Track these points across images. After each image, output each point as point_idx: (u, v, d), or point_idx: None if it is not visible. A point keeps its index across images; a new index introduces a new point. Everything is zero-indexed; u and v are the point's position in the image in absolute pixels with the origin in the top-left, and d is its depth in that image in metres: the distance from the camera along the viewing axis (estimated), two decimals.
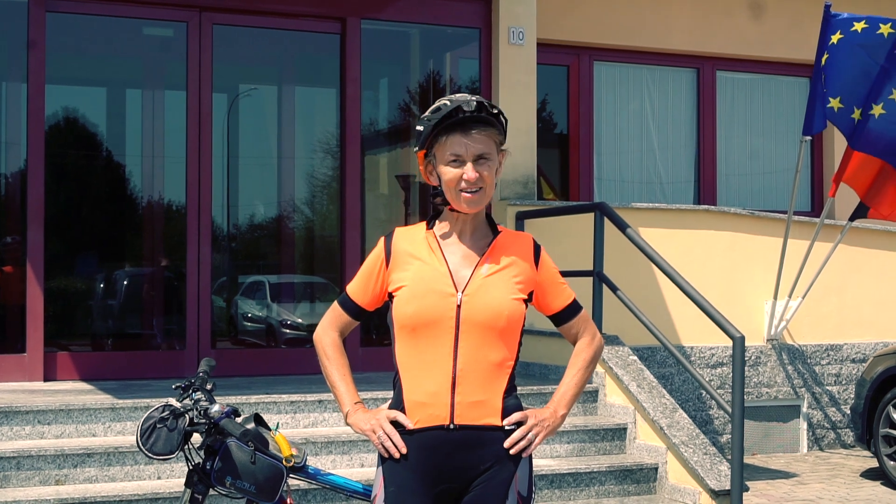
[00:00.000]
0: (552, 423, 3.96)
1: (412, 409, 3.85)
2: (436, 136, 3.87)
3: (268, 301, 11.20)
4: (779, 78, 13.56)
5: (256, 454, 3.98)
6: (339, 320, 4.10)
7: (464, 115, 3.81)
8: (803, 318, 11.45)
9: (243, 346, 11.06)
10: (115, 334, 10.69)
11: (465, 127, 3.82)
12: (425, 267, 3.90)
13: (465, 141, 3.83)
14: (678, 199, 12.85)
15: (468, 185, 3.83)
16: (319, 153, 11.18)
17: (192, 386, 4.17)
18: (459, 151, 3.83)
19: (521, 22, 10.73)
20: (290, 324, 11.25)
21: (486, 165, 3.86)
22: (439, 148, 3.88)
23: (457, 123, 3.82)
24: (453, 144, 3.84)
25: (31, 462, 7.26)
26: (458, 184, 3.84)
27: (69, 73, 10.44)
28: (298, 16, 10.40)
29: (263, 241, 11.47)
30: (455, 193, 3.86)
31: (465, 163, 3.83)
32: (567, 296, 4.08)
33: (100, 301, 10.59)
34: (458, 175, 3.84)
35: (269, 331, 11.27)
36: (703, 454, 8.25)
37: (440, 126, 3.84)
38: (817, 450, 11.62)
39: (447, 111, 3.82)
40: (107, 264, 10.74)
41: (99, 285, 10.59)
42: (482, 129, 3.84)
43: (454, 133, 3.83)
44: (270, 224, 11.33)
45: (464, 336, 3.83)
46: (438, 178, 3.91)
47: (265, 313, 11.18)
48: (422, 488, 3.83)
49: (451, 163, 3.85)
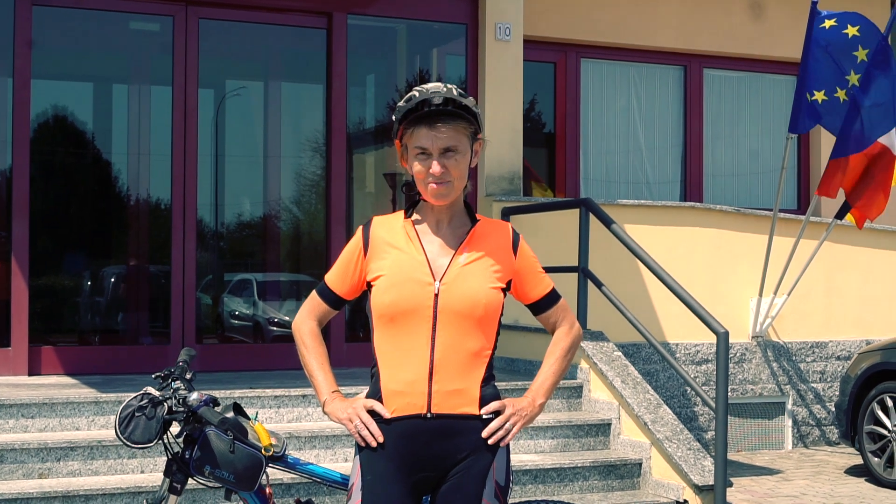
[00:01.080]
0: (530, 412, 3.97)
1: (389, 397, 3.85)
2: (405, 128, 3.89)
3: (255, 299, 11.19)
4: (766, 76, 13.58)
5: (235, 443, 3.98)
6: (318, 309, 4.11)
7: (429, 108, 3.81)
8: (788, 316, 11.47)
9: (230, 342, 11.04)
10: (101, 330, 10.67)
11: (432, 120, 3.83)
12: (403, 256, 3.91)
13: (431, 134, 3.83)
14: (665, 197, 12.86)
15: (434, 179, 3.84)
16: (307, 151, 11.16)
17: (172, 375, 4.17)
18: (425, 145, 3.84)
19: (507, 18, 10.73)
20: (277, 321, 11.24)
21: (454, 158, 3.86)
22: (408, 140, 3.90)
23: (424, 116, 3.83)
24: (419, 138, 3.85)
25: (15, 455, 7.24)
26: (425, 177, 3.86)
27: (55, 68, 10.41)
28: (285, 10, 10.39)
29: (251, 240, 11.45)
30: (423, 185, 3.88)
31: (431, 156, 3.84)
32: (546, 285, 4.08)
33: (86, 297, 10.57)
34: (425, 168, 3.85)
35: (256, 328, 11.26)
36: (686, 449, 8.26)
37: (408, 118, 3.85)
38: (802, 447, 11.64)
39: (414, 104, 3.83)
40: (93, 261, 10.72)
41: (85, 282, 10.58)
42: (449, 122, 3.84)
43: (420, 126, 3.84)
44: (258, 222, 11.32)
45: (441, 325, 3.84)
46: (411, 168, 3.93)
47: (252, 311, 11.18)
48: (399, 477, 3.83)
49: (417, 156, 3.86)
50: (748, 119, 13.57)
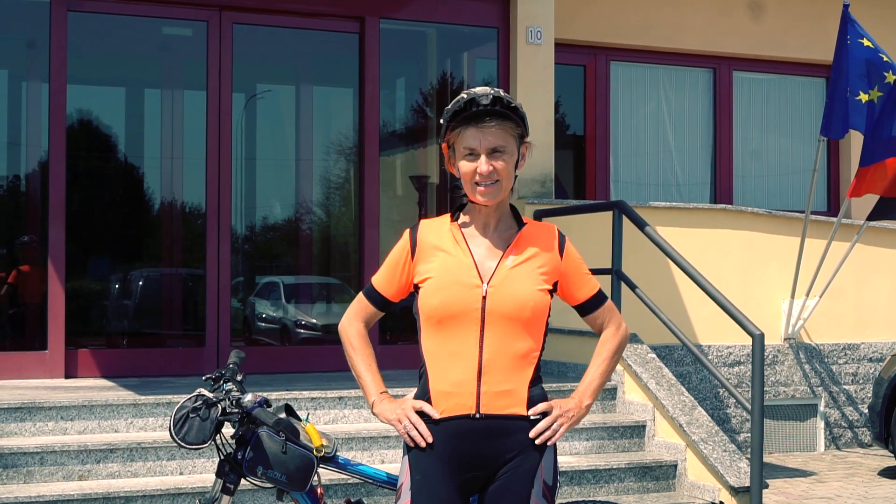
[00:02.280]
0: (577, 413, 4.00)
1: (438, 398, 3.89)
2: (452, 130, 3.92)
3: (282, 301, 11.25)
4: (795, 78, 13.57)
5: (287, 444, 4.02)
6: (365, 311, 4.14)
7: (478, 108, 3.85)
8: (820, 318, 11.45)
9: (258, 345, 11.08)
10: (135, 333, 10.75)
11: (480, 120, 3.86)
12: (450, 258, 3.94)
13: (479, 134, 3.87)
14: (694, 199, 12.86)
15: (482, 179, 3.87)
16: (334, 154, 11.21)
17: (223, 377, 4.21)
18: (473, 145, 3.87)
19: (538, 21, 10.76)
20: (304, 324, 11.29)
21: (502, 158, 3.90)
22: (455, 141, 3.93)
23: (471, 117, 3.86)
24: (467, 138, 3.88)
25: (55, 458, 7.30)
26: (472, 177, 3.89)
27: (88, 73, 10.48)
28: (317, 15, 10.44)
29: (278, 242, 11.50)
30: (471, 186, 3.91)
31: (479, 156, 3.88)
32: (592, 286, 4.11)
33: (119, 300, 10.65)
34: (472, 168, 3.88)
35: (283, 331, 11.31)
36: (722, 451, 8.27)
37: (455, 119, 3.89)
38: (834, 448, 11.63)
39: (461, 105, 3.87)
40: (125, 264, 10.80)
41: (118, 285, 10.65)
42: (498, 123, 3.88)
43: (469, 126, 3.87)
44: (286, 225, 11.37)
45: (489, 327, 3.87)
46: (458, 170, 3.96)
47: (279, 314, 11.23)
48: (448, 476, 3.86)
49: (466, 156, 3.90)
50: (777, 121, 13.56)
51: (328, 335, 11.21)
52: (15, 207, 10.39)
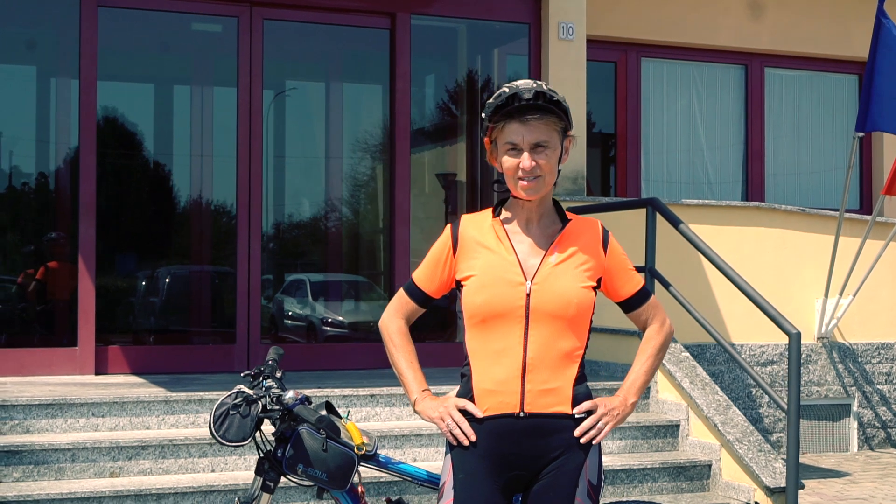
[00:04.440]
0: (622, 411, 3.95)
1: (482, 396, 3.83)
2: (495, 124, 3.85)
3: (309, 299, 11.21)
4: (827, 74, 13.45)
5: (328, 441, 3.96)
6: (406, 308, 4.08)
7: (520, 103, 3.78)
8: (854, 317, 11.34)
9: (284, 342, 11.03)
10: (164, 330, 10.73)
11: (523, 115, 3.80)
12: (493, 256, 3.88)
13: (521, 129, 3.80)
14: (726, 197, 12.76)
15: (524, 174, 3.81)
16: (360, 151, 11.17)
17: (262, 373, 4.16)
18: (515, 140, 3.81)
19: (570, 17, 10.68)
20: (331, 321, 11.25)
21: (544, 154, 3.83)
22: (498, 136, 3.87)
23: (514, 111, 3.80)
24: (510, 133, 3.82)
25: (86, 454, 7.28)
26: (515, 172, 3.82)
27: (116, 70, 10.44)
28: (348, 10, 10.38)
29: (306, 240, 11.47)
30: (513, 181, 3.84)
31: (521, 151, 3.81)
32: (636, 282, 4.04)
33: (148, 297, 10.63)
34: (515, 164, 3.82)
35: (309, 328, 11.28)
36: (757, 451, 8.18)
37: (498, 114, 3.82)
38: (867, 449, 11.51)
39: (503, 99, 3.80)
40: (153, 261, 10.78)
41: (146, 282, 10.63)
42: (540, 117, 3.81)
43: (511, 121, 3.81)
44: (314, 222, 11.33)
45: (534, 325, 3.81)
46: (501, 165, 3.89)
47: (306, 311, 11.19)
48: (491, 475, 3.81)
49: (508, 151, 3.83)
50: (809, 118, 13.44)
51: (355, 333, 11.17)
52: (43, 204, 10.38)
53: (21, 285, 10.06)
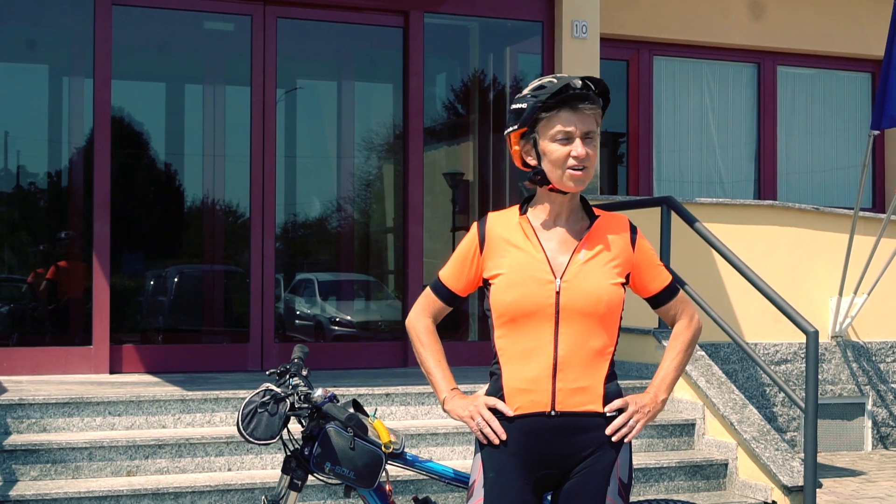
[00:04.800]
0: (653, 408, 3.92)
1: (512, 395, 3.81)
2: (541, 114, 3.80)
3: (317, 298, 11.19)
4: (840, 73, 13.40)
5: (356, 440, 3.94)
6: (433, 306, 4.06)
7: (573, 91, 3.76)
8: (868, 315, 11.31)
9: (292, 341, 10.98)
10: (178, 329, 10.71)
11: (573, 103, 3.77)
12: (521, 254, 3.85)
13: (574, 117, 3.77)
14: (738, 195, 12.73)
15: (577, 163, 3.77)
16: (369, 150, 11.14)
17: (289, 371, 4.14)
18: (570, 128, 3.77)
19: (584, 15, 10.64)
20: (339, 321, 11.23)
21: (592, 144, 3.82)
22: (545, 125, 3.81)
23: (565, 100, 3.77)
24: (562, 120, 3.78)
25: (103, 453, 7.26)
26: (565, 161, 3.78)
27: (128, 69, 10.41)
28: (361, 9, 10.35)
29: (317, 239, 11.44)
30: (561, 172, 3.80)
31: (573, 140, 3.78)
32: (664, 277, 4.02)
33: (160, 297, 10.62)
34: (566, 152, 3.78)
35: (317, 327, 11.25)
36: (774, 450, 8.16)
37: (548, 102, 3.78)
38: (882, 448, 11.48)
39: (556, 88, 3.77)
40: (165, 260, 10.76)
41: (157, 281, 10.62)
42: (588, 107, 3.79)
43: (563, 110, 3.78)
44: (325, 222, 11.31)
45: (564, 323, 3.78)
46: (538, 157, 3.84)
47: (315, 311, 11.17)
48: (522, 473, 3.79)
49: (558, 140, 3.79)
50: (822, 117, 13.40)
51: (364, 332, 11.15)
52: (55, 204, 10.37)
53: (31, 285, 10.06)
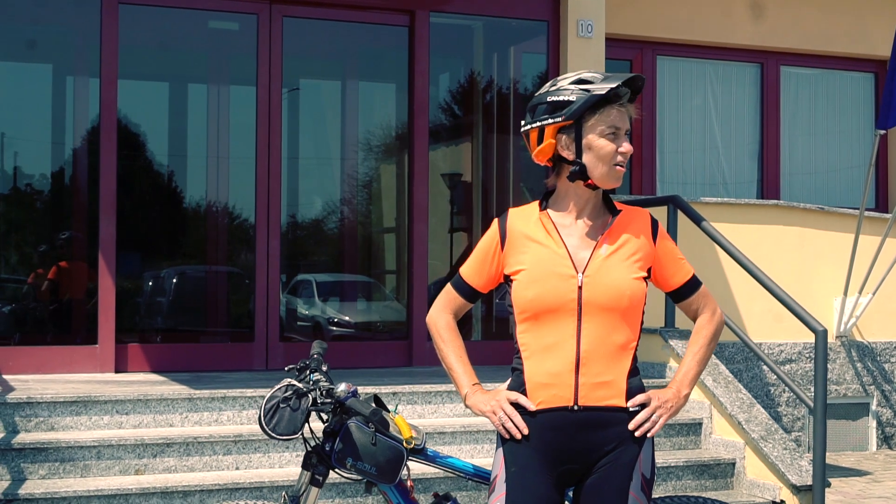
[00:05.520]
0: (675, 403, 3.91)
1: (534, 390, 3.80)
2: (591, 108, 3.80)
3: (315, 299, 11.18)
4: (843, 73, 13.40)
5: (377, 435, 3.93)
6: (454, 303, 4.05)
7: (624, 88, 3.80)
8: (873, 315, 11.30)
9: (291, 342, 10.92)
10: (183, 329, 10.69)
11: (620, 101, 3.82)
12: (543, 250, 3.84)
13: (620, 114, 3.83)
14: (741, 195, 12.72)
15: (623, 158, 3.83)
16: (371, 150, 11.12)
17: (309, 367, 4.12)
18: (619, 124, 3.82)
19: (589, 14, 10.63)
20: (337, 321, 11.22)
21: (630, 141, 3.88)
22: (596, 120, 3.81)
23: (614, 96, 3.81)
24: (612, 117, 3.81)
25: (112, 451, 7.24)
26: (613, 157, 3.82)
27: (132, 68, 10.36)
28: (367, 8, 10.32)
29: (321, 239, 11.42)
30: (607, 168, 3.82)
31: (620, 136, 3.82)
32: (686, 271, 4.01)
33: (165, 296, 10.60)
34: (614, 148, 3.82)
35: (315, 328, 11.24)
36: (782, 449, 8.15)
37: (599, 98, 3.78)
38: (886, 448, 11.48)
39: (617, 82, 3.78)
40: (169, 260, 10.75)
41: (161, 281, 10.60)
42: (629, 106, 3.87)
43: (612, 106, 3.81)
44: (326, 221, 11.29)
45: (587, 318, 3.77)
46: (578, 151, 3.82)
47: (313, 311, 11.15)
48: (544, 468, 3.78)
49: (607, 135, 3.81)
50: (825, 117, 13.40)
51: (364, 333, 11.14)
52: (57, 204, 10.35)
53: (32, 285, 10.04)
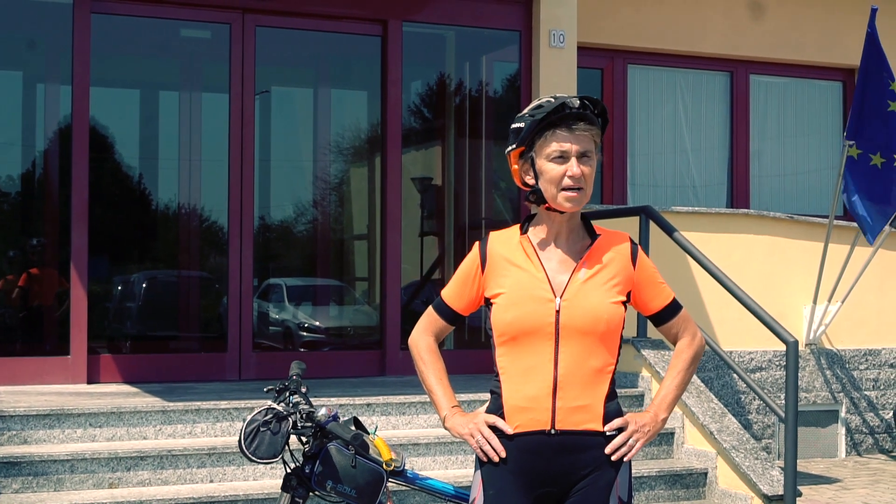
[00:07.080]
0: (653, 427, 3.93)
1: (512, 413, 3.82)
2: (538, 133, 3.83)
3: (285, 303, 11.17)
4: (812, 81, 13.51)
5: (357, 458, 3.95)
6: (435, 325, 4.07)
7: (569, 111, 3.78)
8: (842, 323, 11.39)
9: (261, 349, 10.86)
10: (155, 337, 10.66)
11: (569, 123, 3.80)
12: (523, 273, 3.87)
13: (570, 137, 3.80)
14: (711, 202, 12.81)
15: (572, 182, 3.79)
16: (341, 156, 11.13)
17: (288, 389, 4.13)
18: (565, 147, 3.80)
19: (561, 24, 10.66)
20: (308, 326, 11.21)
21: (588, 164, 3.84)
22: (542, 144, 3.83)
23: (561, 119, 3.79)
24: (558, 140, 3.80)
25: (85, 465, 7.23)
26: (560, 181, 3.80)
27: (104, 75, 10.33)
28: (340, 17, 10.33)
29: (293, 244, 11.43)
30: (556, 191, 3.82)
31: (568, 159, 3.80)
32: (666, 295, 4.04)
33: (137, 300, 10.57)
34: (561, 172, 3.80)
35: (286, 334, 11.23)
36: (754, 459, 8.21)
37: (545, 122, 3.80)
38: (855, 455, 11.57)
39: (552, 107, 3.79)
40: (140, 268, 10.72)
41: (130, 289, 10.56)
42: (585, 127, 3.82)
43: (560, 129, 3.80)
44: (297, 227, 11.30)
45: (564, 342, 3.80)
46: (536, 176, 3.87)
47: (283, 316, 11.14)
48: (522, 491, 3.81)
49: (554, 159, 3.81)
50: (794, 124, 13.50)
51: (336, 339, 11.15)
52: (27, 210, 10.30)
53: (2, 291, 9.98)
